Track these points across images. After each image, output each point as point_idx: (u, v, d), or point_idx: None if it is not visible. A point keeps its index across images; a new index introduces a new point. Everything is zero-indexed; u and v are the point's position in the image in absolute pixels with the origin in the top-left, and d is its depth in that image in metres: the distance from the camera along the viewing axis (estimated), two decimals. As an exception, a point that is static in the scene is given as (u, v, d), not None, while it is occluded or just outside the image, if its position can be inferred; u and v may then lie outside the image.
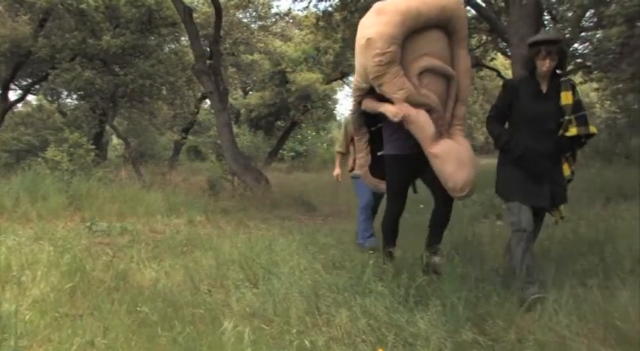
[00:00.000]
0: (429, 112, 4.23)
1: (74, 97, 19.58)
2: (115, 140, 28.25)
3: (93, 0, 14.84)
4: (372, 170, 4.97)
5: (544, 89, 4.00)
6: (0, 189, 8.42)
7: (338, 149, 6.38)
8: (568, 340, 3.00)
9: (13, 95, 19.69)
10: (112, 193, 9.20)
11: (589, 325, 3.18)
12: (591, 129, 3.96)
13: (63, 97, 21.12)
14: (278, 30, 23.23)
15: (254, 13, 21.15)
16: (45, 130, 17.31)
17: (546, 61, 3.90)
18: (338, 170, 6.40)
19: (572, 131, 3.93)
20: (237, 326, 3.29)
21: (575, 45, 13.72)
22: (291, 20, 23.02)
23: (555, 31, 9.54)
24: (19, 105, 20.65)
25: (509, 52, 11.95)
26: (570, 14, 12.09)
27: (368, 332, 3.27)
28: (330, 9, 13.63)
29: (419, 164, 4.33)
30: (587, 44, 14.20)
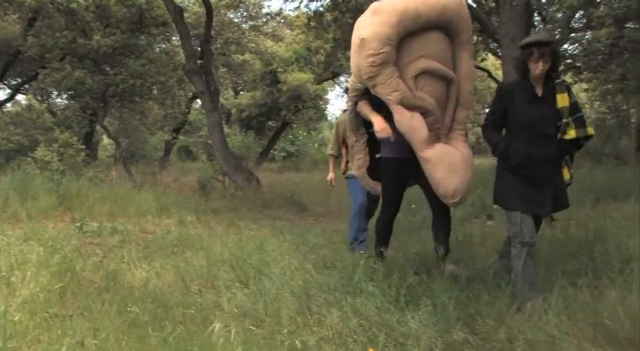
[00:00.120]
0: (424, 116, 4.14)
1: (64, 96, 19.49)
2: (106, 140, 28.06)
3: (83, -1, 14.79)
4: (370, 172, 4.88)
5: (539, 93, 3.89)
6: (-11, 189, 8.35)
7: (330, 152, 6.28)
8: (558, 339, 3.02)
9: (2, 95, 19.75)
10: (103, 194, 9.17)
11: (578, 324, 3.19)
12: (589, 130, 3.90)
13: (53, 96, 20.99)
14: (269, 30, 23.21)
15: (245, 13, 21.15)
16: (35, 130, 17.17)
17: (539, 64, 3.80)
18: (332, 174, 6.29)
19: (570, 134, 3.85)
20: (228, 326, 3.29)
21: (565, 46, 13.78)
22: (283, 20, 23.03)
23: (547, 32, 9.55)
24: (8, 104, 20.51)
25: (499, 53, 12.00)
26: (560, 15, 12.15)
27: (359, 332, 3.27)
28: (322, 9, 13.65)
29: (415, 168, 4.23)
30: (576, 45, 14.30)
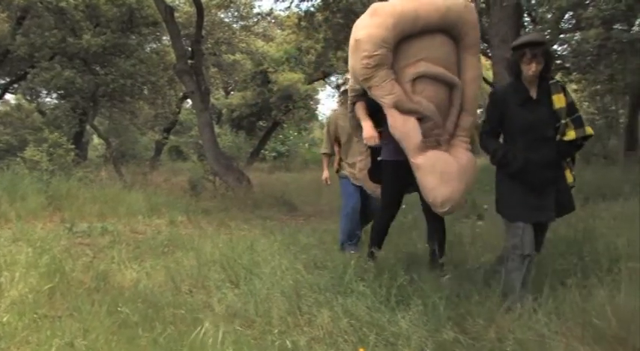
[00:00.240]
0: (422, 121, 4.04)
1: (54, 96, 19.42)
2: (96, 140, 27.96)
3: (72, -2, 14.72)
4: (371, 175, 4.76)
5: (534, 95, 3.76)
6: (-23, 189, 8.29)
7: (323, 151, 6.17)
8: (547, 338, 3.03)
9: (-10, 94, 19.44)
10: (93, 194, 9.13)
11: (567, 323, 3.21)
12: (587, 130, 3.77)
13: (42, 96, 20.87)
14: (260, 30, 23.22)
15: (236, 12, 21.15)
16: (24, 130, 17.12)
17: (532, 65, 3.67)
18: (326, 173, 6.16)
19: (570, 135, 3.72)
20: (219, 327, 3.29)
21: (555, 46, 13.84)
22: (273, 20, 23.05)
23: (539, 33, 9.58)
24: (-3, 104, 20.43)
25: (490, 53, 12.04)
26: (550, 16, 12.20)
27: (349, 332, 3.27)
28: (312, 9, 13.68)
29: (412, 172, 4.12)
30: (565, 46, 14.35)
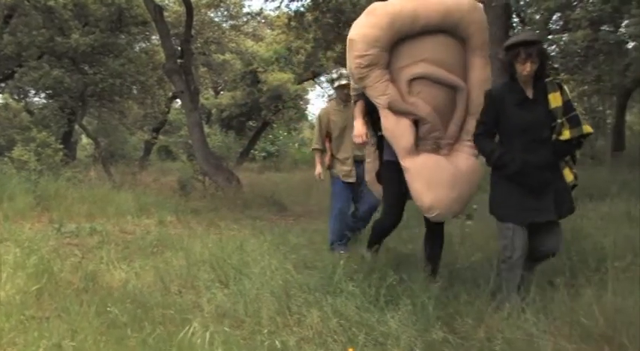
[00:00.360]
0: (418, 123, 3.95)
1: (42, 95, 19.28)
2: (85, 140, 27.77)
3: (61, -3, 14.64)
4: (379, 178, 4.53)
5: (530, 95, 3.69)
6: (-36, 189, 8.23)
7: (314, 146, 6.09)
8: (535, 337, 3.05)
9: (-23, 93, 19.31)
10: (81, 194, 9.07)
11: (555, 322, 3.23)
12: (585, 129, 3.69)
13: (30, 95, 20.76)
14: (250, 30, 23.23)
15: (225, 12, 21.16)
16: (11, 129, 16.96)
17: (527, 65, 3.59)
18: (319, 168, 6.08)
19: (565, 134, 3.65)
20: (208, 327, 3.28)
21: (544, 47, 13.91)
22: (263, 20, 23.05)
23: (533, 32, 9.56)
24: (-16, 103, 20.26)
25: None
26: (538, 17, 12.27)
27: (339, 332, 3.28)
28: (302, 9, 13.69)
29: None
30: (554, 47, 14.43)
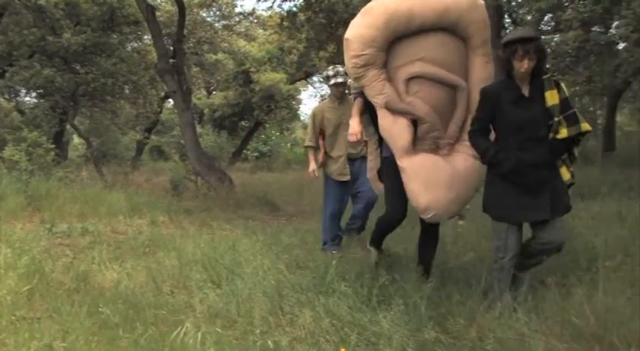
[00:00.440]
0: (416, 123, 3.92)
1: (33, 95, 19.20)
2: (76, 140, 27.62)
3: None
4: (380, 175, 4.48)
5: (526, 93, 3.64)
6: (-45, 189, 8.19)
7: (308, 144, 6.04)
8: (527, 337, 3.05)
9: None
10: (73, 194, 9.04)
11: (547, 322, 3.23)
12: (583, 127, 3.64)
13: (21, 95, 20.66)
14: (242, 30, 23.20)
15: (218, 12, 21.15)
16: (2, 129, 16.84)
17: (524, 62, 3.53)
18: (313, 165, 5.97)
19: (563, 133, 3.59)
20: (200, 327, 3.28)
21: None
22: (255, 20, 23.05)
23: (530, 29, 9.45)
24: (-26, 103, 20.12)
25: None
26: (530, 17, 12.32)
27: (331, 332, 3.28)
28: (295, 9, 13.69)
29: None
30: (545, 47, 14.52)
